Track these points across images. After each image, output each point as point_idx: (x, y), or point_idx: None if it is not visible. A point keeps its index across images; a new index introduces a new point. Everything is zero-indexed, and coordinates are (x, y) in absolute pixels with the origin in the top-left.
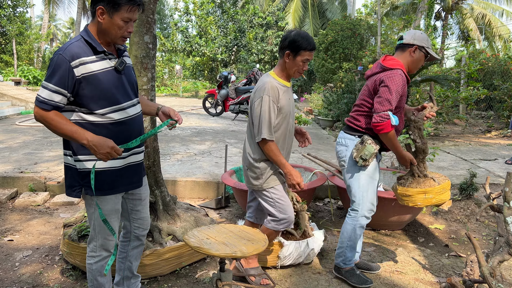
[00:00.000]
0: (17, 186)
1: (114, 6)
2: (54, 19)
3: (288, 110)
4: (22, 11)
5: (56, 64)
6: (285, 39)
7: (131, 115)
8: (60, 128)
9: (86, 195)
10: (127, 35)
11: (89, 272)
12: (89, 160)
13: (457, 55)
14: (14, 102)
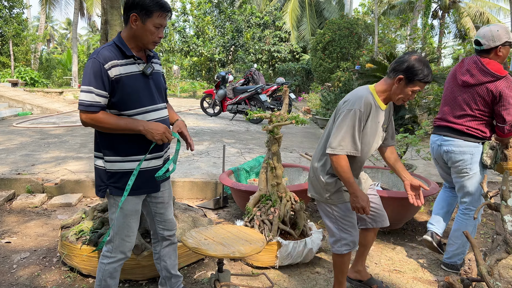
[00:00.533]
0: (15, 187)
1: (146, 13)
2: (50, 20)
3: (371, 134)
4: (18, 12)
5: (92, 68)
6: (403, 62)
7: (157, 118)
8: (114, 124)
9: (110, 195)
10: (158, 41)
11: (100, 272)
12: (116, 162)
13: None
14: (11, 104)
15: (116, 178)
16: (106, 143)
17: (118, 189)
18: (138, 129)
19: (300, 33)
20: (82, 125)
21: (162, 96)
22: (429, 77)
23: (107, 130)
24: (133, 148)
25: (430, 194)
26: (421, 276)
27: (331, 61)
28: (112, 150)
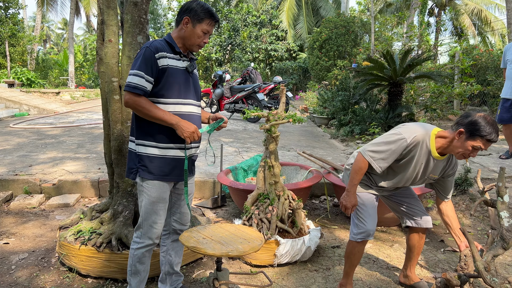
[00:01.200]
0: (12, 188)
1: (198, 19)
2: (47, 20)
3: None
4: (14, 12)
5: (144, 55)
6: (467, 117)
7: (192, 112)
8: (152, 111)
9: (139, 178)
10: (203, 45)
11: (130, 257)
12: (147, 146)
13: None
14: (7, 104)
15: (146, 161)
16: (143, 128)
17: (147, 172)
18: (171, 122)
19: (296, 31)
20: (124, 105)
21: (199, 95)
22: (492, 135)
23: (144, 115)
24: (166, 137)
25: (428, 191)
26: (419, 273)
27: (328, 59)
28: (146, 135)
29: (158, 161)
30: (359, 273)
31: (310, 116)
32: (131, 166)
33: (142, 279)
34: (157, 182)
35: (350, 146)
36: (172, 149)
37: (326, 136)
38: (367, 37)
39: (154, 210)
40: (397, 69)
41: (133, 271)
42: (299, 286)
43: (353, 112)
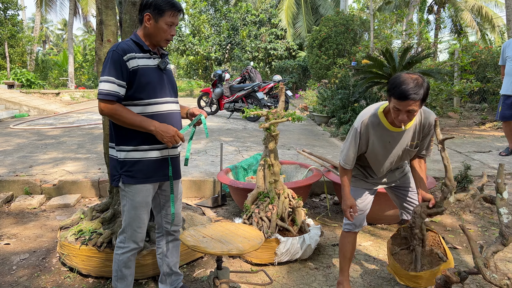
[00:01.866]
0: (13, 189)
1: (159, 12)
2: (46, 21)
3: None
4: (13, 13)
5: (112, 59)
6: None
7: (169, 110)
8: (129, 119)
9: (122, 185)
10: (170, 38)
11: (115, 263)
12: (128, 151)
13: (450, 48)
14: (7, 106)
15: (128, 166)
16: (121, 133)
17: (130, 177)
18: (150, 129)
19: (296, 30)
20: (100, 113)
21: (175, 91)
22: (394, 91)
23: (121, 123)
24: (146, 139)
25: (431, 186)
26: None
27: (328, 57)
28: (125, 139)
29: (141, 164)
30: (359, 270)
31: (310, 115)
32: (114, 173)
33: (129, 283)
34: (140, 186)
35: None
36: (153, 151)
37: (326, 135)
38: (367, 35)
39: (137, 215)
40: (397, 66)
41: (119, 277)
42: (300, 284)
43: (353, 110)
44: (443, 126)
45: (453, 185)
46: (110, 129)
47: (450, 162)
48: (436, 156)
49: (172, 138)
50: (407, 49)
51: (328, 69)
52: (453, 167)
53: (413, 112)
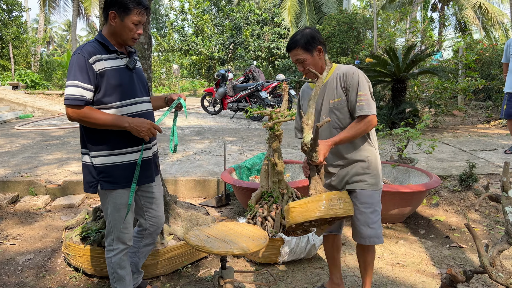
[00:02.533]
0: (18, 190)
1: (124, 10)
2: (49, 22)
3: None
4: (17, 15)
5: (77, 63)
6: None
7: (143, 110)
8: (100, 119)
9: (101, 190)
10: (137, 37)
11: (109, 266)
12: (104, 156)
13: (454, 46)
14: (12, 107)
15: (106, 172)
16: (94, 138)
17: (109, 183)
18: (123, 126)
19: (299, 29)
20: (68, 120)
21: (146, 90)
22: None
23: (93, 125)
24: (121, 142)
25: (432, 187)
26: (424, 269)
27: (331, 56)
28: (99, 144)
29: (120, 168)
30: None
31: None
32: (89, 180)
33: (127, 283)
34: (121, 191)
35: None
36: (131, 153)
37: None
38: (370, 34)
39: (122, 216)
40: (400, 65)
41: (116, 279)
42: (305, 284)
43: None
44: (447, 125)
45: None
46: (81, 134)
47: (455, 160)
48: (441, 154)
49: (148, 131)
50: (411, 47)
51: None
52: (457, 165)
53: (301, 61)
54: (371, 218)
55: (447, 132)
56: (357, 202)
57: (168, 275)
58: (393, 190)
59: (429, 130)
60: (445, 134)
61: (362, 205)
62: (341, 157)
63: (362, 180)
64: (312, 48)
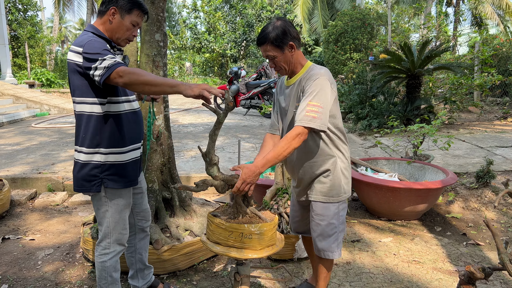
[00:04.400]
0: (36, 186)
1: (126, 9)
2: (64, 21)
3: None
4: (32, 14)
5: (96, 41)
6: None
7: (135, 108)
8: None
9: (101, 192)
10: (132, 38)
11: (103, 270)
12: (113, 154)
13: (471, 41)
14: (29, 105)
15: (113, 170)
16: (104, 134)
17: (115, 182)
18: (176, 83)
19: (312, 25)
20: (122, 85)
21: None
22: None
23: (148, 84)
24: (126, 138)
25: (449, 184)
26: (441, 267)
27: (344, 53)
28: (109, 140)
29: (124, 167)
30: (379, 267)
31: None
32: (91, 179)
33: (119, 285)
34: (124, 190)
35: (368, 140)
36: (132, 151)
37: None
38: (384, 29)
39: (122, 218)
40: (415, 61)
41: (110, 282)
42: None
43: (370, 106)
44: (463, 121)
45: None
46: (85, 130)
47: (471, 157)
48: (457, 151)
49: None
50: (425, 43)
51: (345, 64)
52: (474, 162)
53: (272, 59)
54: (326, 231)
55: (463, 129)
56: (313, 213)
57: (184, 270)
58: (408, 187)
59: (445, 127)
60: (460, 130)
61: (317, 217)
62: (297, 175)
63: (318, 190)
64: (283, 44)
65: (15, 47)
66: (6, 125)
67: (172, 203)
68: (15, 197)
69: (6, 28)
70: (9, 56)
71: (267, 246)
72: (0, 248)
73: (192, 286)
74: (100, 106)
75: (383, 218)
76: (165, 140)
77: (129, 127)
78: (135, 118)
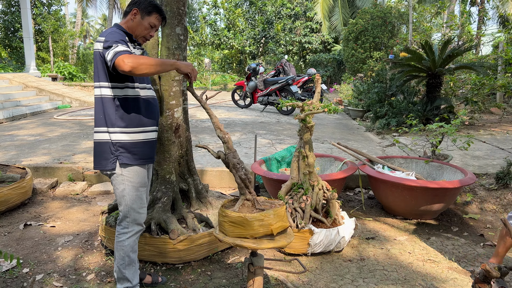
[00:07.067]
0: (57, 176)
1: (147, 11)
2: (86, 16)
3: None
4: (56, 9)
5: (119, 33)
6: None
7: (151, 96)
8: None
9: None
10: (148, 38)
11: (121, 250)
12: (133, 132)
13: (495, 41)
14: (51, 97)
15: (128, 147)
16: (117, 115)
17: (129, 158)
18: (170, 63)
19: (332, 23)
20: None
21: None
22: None
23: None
24: (141, 119)
25: (467, 184)
26: (456, 266)
27: (364, 51)
28: (124, 120)
29: (138, 146)
30: (394, 264)
31: (345, 109)
32: (107, 157)
33: (136, 268)
34: (138, 168)
35: (386, 139)
36: (146, 132)
37: (361, 129)
38: (405, 28)
39: (139, 196)
40: (436, 60)
41: (127, 263)
42: (333, 276)
43: (389, 104)
44: (484, 122)
45: None
46: (102, 111)
47: (491, 158)
48: (477, 152)
49: (194, 69)
50: (447, 42)
51: (364, 62)
52: (495, 163)
53: None
54: None
55: (483, 130)
56: None
57: (199, 260)
58: (426, 186)
59: (465, 128)
60: (481, 131)
61: None
62: None
63: None
64: None
65: (39, 41)
66: (29, 116)
67: (189, 195)
68: (37, 186)
69: (31, 22)
70: (33, 50)
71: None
72: (22, 233)
73: (207, 276)
74: (118, 90)
75: (399, 216)
76: (183, 132)
77: (143, 111)
78: (149, 104)
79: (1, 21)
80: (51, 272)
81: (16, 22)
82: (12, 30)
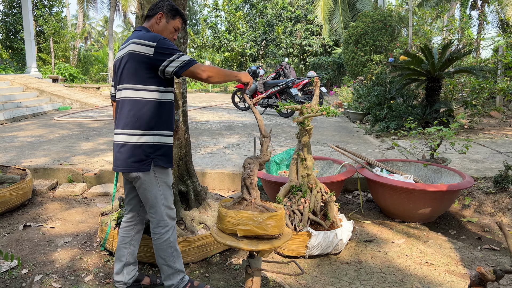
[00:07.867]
0: (57, 177)
1: (171, 15)
2: (87, 18)
3: None
4: (58, 10)
5: (167, 40)
6: None
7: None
8: (224, 70)
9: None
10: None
11: (168, 247)
12: (165, 135)
13: (495, 44)
14: (52, 99)
15: (163, 150)
16: (161, 116)
17: (163, 161)
18: (235, 74)
19: (332, 26)
20: (202, 78)
21: None
22: None
23: (221, 76)
24: (170, 124)
25: (465, 187)
26: (453, 270)
27: (364, 54)
28: (163, 123)
29: (171, 148)
30: (391, 267)
31: (345, 112)
32: (142, 158)
33: (181, 257)
34: (169, 170)
35: (385, 142)
36: (171, 136)
37: (360, 132)
38: (405, 32)
39: (171, 194)
40: (436, 63)
41: (176, 256)
42: (331, 278)
43: (389, 108)
44: (483, 126)
45: None
46: (138, 114)
47: (490, 162)
48: (476, 155)
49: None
50: (447, 45)
51: (364, 65)
52: (493, 167)
53: None
54: None
55: (482, 134)
56: None
57: (198, 262)
58: (424, 189)
59: (464, 131)
60: (480, 135)
61: None
62: None
63: None
64: None
65: (40, 42)
66: (30, 117)
67: (188, 197)
68: (36, 187)
69: (32, 23)
70: (35, 51)
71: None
72: (21, 234)
73: (205, 278)
74: (161, 93)
75: (397, 219)
76: (183, 134)
77: (172, 114)
78: (173, 107)
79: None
80: (50, 273)
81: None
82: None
